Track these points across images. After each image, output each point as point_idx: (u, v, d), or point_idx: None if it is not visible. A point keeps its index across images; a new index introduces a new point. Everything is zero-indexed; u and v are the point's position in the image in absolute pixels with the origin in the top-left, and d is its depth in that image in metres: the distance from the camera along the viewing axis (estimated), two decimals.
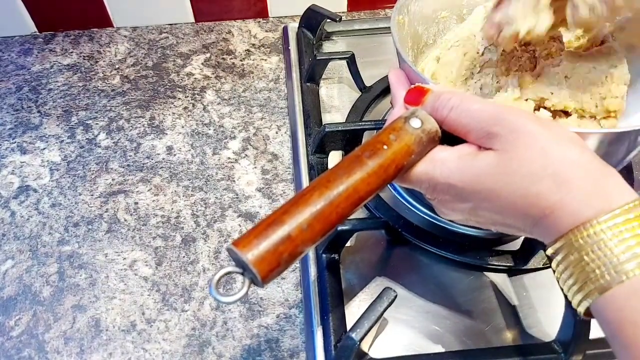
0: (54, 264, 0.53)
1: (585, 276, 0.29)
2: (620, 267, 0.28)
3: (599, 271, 0.29)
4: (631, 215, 0.29)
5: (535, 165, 0.31)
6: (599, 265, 0.29)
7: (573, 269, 0.30)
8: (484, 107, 0.33)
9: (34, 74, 0.72)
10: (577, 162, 0.31)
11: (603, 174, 0.31)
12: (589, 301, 0.30)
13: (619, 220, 0.29)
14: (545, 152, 0.31)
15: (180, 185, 0.59)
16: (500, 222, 0.35)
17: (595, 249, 0.29)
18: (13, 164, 0.62)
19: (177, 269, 0.52)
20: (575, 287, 0.30)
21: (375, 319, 0.41)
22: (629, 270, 0.28)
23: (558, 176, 0.31)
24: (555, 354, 0.43)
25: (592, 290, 0.29)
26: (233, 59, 0.74)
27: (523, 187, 0.32)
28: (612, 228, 0.29)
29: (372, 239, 0.52)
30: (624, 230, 0.28)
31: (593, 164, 0.31)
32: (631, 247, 0.28)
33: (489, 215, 0.35)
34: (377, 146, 0.34)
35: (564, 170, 0.31)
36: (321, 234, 0.31)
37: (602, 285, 0.29)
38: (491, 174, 0.32)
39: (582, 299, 0.30)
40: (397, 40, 0.43)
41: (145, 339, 0.48)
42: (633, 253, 0.28)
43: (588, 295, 0.30)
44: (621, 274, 0.28)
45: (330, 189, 0.32)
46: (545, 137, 0.32)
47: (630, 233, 0.28)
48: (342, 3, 0.79)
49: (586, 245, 0.29)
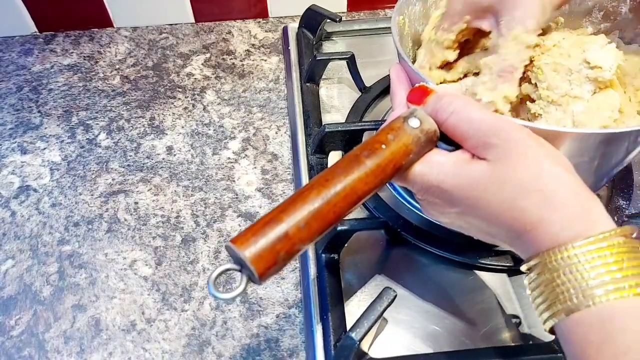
0: (54, 264, 0.53)
1: (554, 296, 0.30)
2: (589, 292, 0.29)
3: (568, 294, 0.30)
4: (604, 244, 0.30)
5: (525, 180, 0.32)
6: (568, 288, 0.30)
7: (544, 288, 0.31)
8: (485, 117, 0.34)
9: (34, 74, 0.72)
10: (565, 183, 0.32)
11: (587, 200, 0.32)
12: (555, 320, 0.31)
13: (592, 248, 0.30)
14: (535, 167, 0.32)
15: (180, 185, 0.59)
16: (485, 231, 0.36)
17: (567, 272, 0.30)
18: (13, 163, 0.62)
19: (177, 269, 0.52)
20: (544, 305, 0.31)
21: (375, 318, 0.41)
22: (596, 297, 0.29)
23: (545, 193, 0.31)
24: (555, 354, 0.43)
25: (559, 310, 0.30)
26: (233, 59, 0.74)
27: (511, 199, 0.32)
28: (585, 254, 0.30)
29: (372, 239, 0.52)
30: (596, 258, 0.29)
31: (580, 188, 0.32)
32: (601, 274, 0.29)
33: (474, 222, 0.35)
34: (376, 146, 0.34)
35: (551, 188, 0.32)
36: (318, 232, 0.31)
37: (570, 307, 0.30)
38: (482, 183, 0.33)
39: (548, 317, 0.31)
40: (398, 41, 0.43)
41: (145, 338, 0.48)
42: (602, 281, 0.29)
43: (555, 314, 0.31)
44: (589, 298, 0.29)
45: (328, 188, 0.32)
46: (538, 154, 0.32)
47: (601, 261, 0.29)
48: (342, 3, 0.79)
49: (559, 267, 0.30)
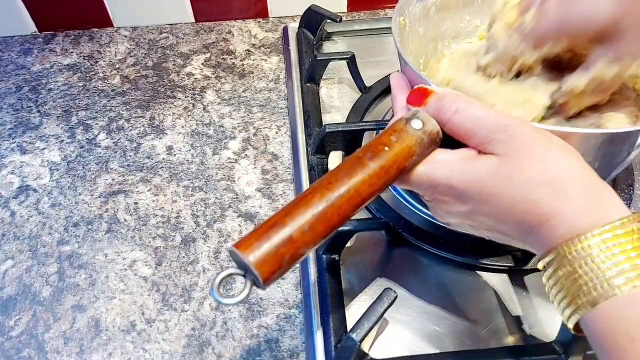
0: (54, 264, 0.53)
1: (576, 289, 0.30)
2: (612, 281, 0.28)
3: (591, 284, 0.29)
4: (621, 232, 0.29)
5: (534, 171, 0.32)
6: (591, 278, 0.29)
7: (565, 282, 0.30)
8: (489, 113, 0.33)
9: (34, 74, 0.72)
10: (576, 173, 0.32)
11: (599, 188, 0.31)
12: (580, 314, 0.30)
13: (609, 236, 0.29)
14: (545, 160, 0.32)
15: (180, 185, 0.59)
16: (495, 228, 0.35)
17: (588, 261, 0.29)
18: (13, 163, 0.62)
19: (177, 269, 0.52)
20: (565, 301, 0.31)
21: (376, 319, 0.41)
22: (620, 285, 0.28)
23: (556, 184, 0.31)
24: (556, 354, 0.43)
25: (583, 303, 0.29)
26: (233, 59, 0.74)
27: (522, 192, 0.32)
28: (603, 242, 0.29)
29: (373, 240, 0.52)
30: (614, 245, 0.29)
31: (591, 177, 0.32)
32: (620, 262, 0.29)
33: (484, 219, 0.35)
34: (379, 147, 0.34)
35: (562, 178, 0.31)
36: (322, 235, 0.31)
37: (594, 298, 0.29)
38: (492, 177, 0.33)
39: (571, 313, 0.30)
40: (398, 42, 0.43)
41: (145, 339, 0.48)
42: (621, 269, 0.28)
43: (579, 308, 0.30)
44: (614, 287, 0.28)
45: (331, 191, 0.32)
46: (546, 146, 0.32)
47: (619, 249, 0.29)
48: (342, 3, 0.79)
49: (579, 258, 0.29)
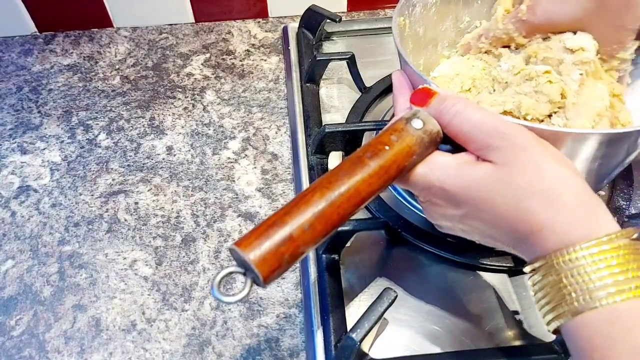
0: (55, 264, 0.53)
1: (560, 298, 0.31)
2: (594, 294, 0.29)
3: (575, 295, 0.30)
4: (607, 247, 0.30)
5: (530, 181, 0.32)
6: (575, 289, 0.30)
7: (549, 289, 0.31)
8: (487, 118, 0.34)
9: (34, 75, 0.72)
10: (571, 186, 0.32)
11: (592, 203, 0.32)
12: (560, 321, 0.31)
13: (595, 250, 0.30)
14: (541, 169, 0.32)
15: (180, 185, 0.59)
16: (487, 234, 0.36)
17: (574, 273, 0.30)
18: (13, 164, 0.62)
19: (177, 269, 0.52)
20: (549, 307, 0.32)
21: (376, 319, 0.41)
22: (602, 298, 0.29)
23: (550, 194, 0.32)
24: (556, 354, 0.43)
25: (565, 311, 0.30)
26: (233, 59, 0.74)
27: (516, 200, 0.32)
28: (587, 257, 0.30)
29: (372, 240, 0.52)
30: (600, 260, 0.30)
31: (585, 191, 0.32)
32: (604, 277, 0.29)
33: (477, 224, 0.35)
34: (379, 147, 0.34)
35: (557, 190, 0.32)
36: (322, 234, 0.31)
37: (576, 308, 0.30)
38: (487, 184, 0.33)
39: (552, 319, 0.32)
40: (399, 42, 0.43)
41: (146, 338, 0.48)
42: (604, 284, 0.29)
43: (560, 316, 0.31)
44: (595, 300, 0.29)
45: (331, 190, 0.32)
46: (543, 157, 0.33)
47: (604, 264, 0.30)
48: (342, 3, 0.79)
49: (565, 269, 0.30)
